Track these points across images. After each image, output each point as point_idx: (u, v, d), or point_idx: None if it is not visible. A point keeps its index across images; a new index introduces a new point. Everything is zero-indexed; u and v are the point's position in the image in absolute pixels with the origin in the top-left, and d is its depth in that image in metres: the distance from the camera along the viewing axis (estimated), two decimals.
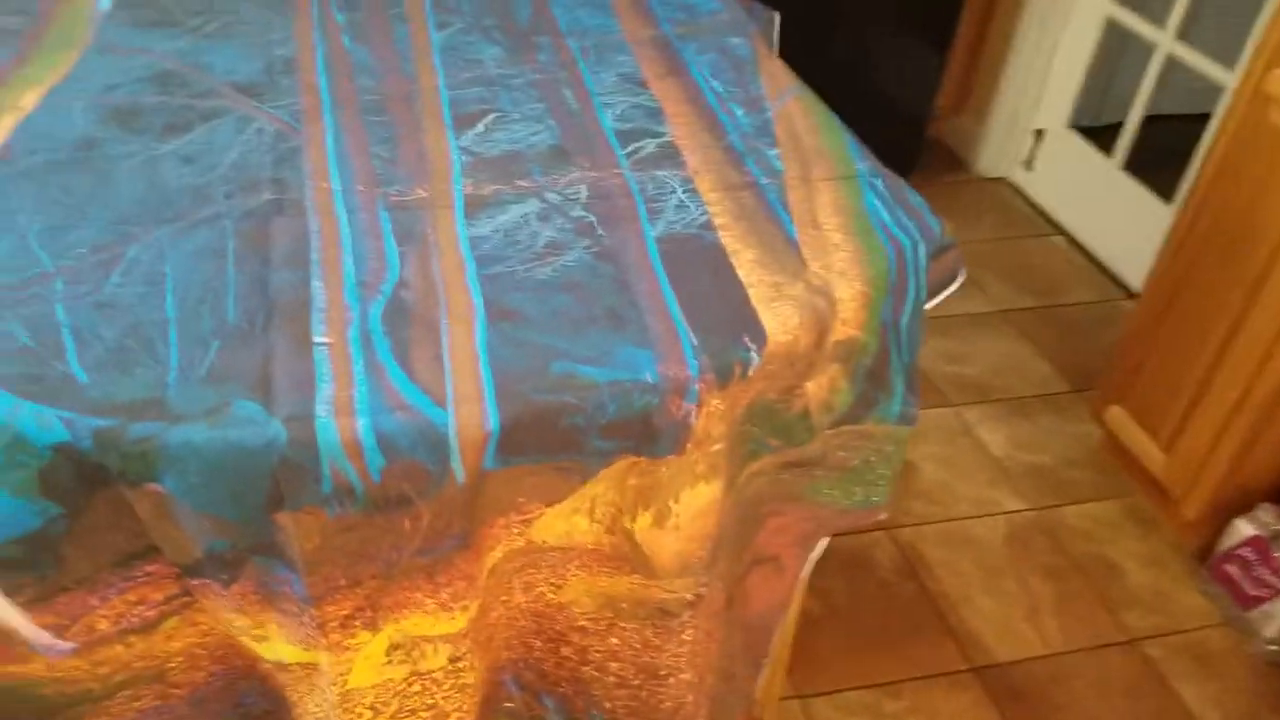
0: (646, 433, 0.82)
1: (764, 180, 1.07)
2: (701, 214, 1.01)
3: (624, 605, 0.90)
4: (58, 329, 0.79)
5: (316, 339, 0.81)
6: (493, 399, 0.77)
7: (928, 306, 1.10)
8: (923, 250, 1.00)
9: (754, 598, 1.14)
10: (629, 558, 0.88)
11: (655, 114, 1.17)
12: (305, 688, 0.83)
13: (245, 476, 0.73)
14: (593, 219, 0.98)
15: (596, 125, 1.14)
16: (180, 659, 0.88)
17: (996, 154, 2.79)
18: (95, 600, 0.81)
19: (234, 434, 0.73)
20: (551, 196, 1.01)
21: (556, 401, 0.78)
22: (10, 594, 0.77)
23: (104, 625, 0.82)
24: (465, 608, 0.81)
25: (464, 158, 1.06)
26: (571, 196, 1.01)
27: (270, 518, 0.74)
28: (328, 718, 0.83)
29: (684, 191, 1.04)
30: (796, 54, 2.38)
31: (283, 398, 0.75)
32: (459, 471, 0.75)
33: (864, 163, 1.10)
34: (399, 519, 0.76)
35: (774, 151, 1.12)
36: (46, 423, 0.72)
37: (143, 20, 1.24)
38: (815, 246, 0.98)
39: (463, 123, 1.12)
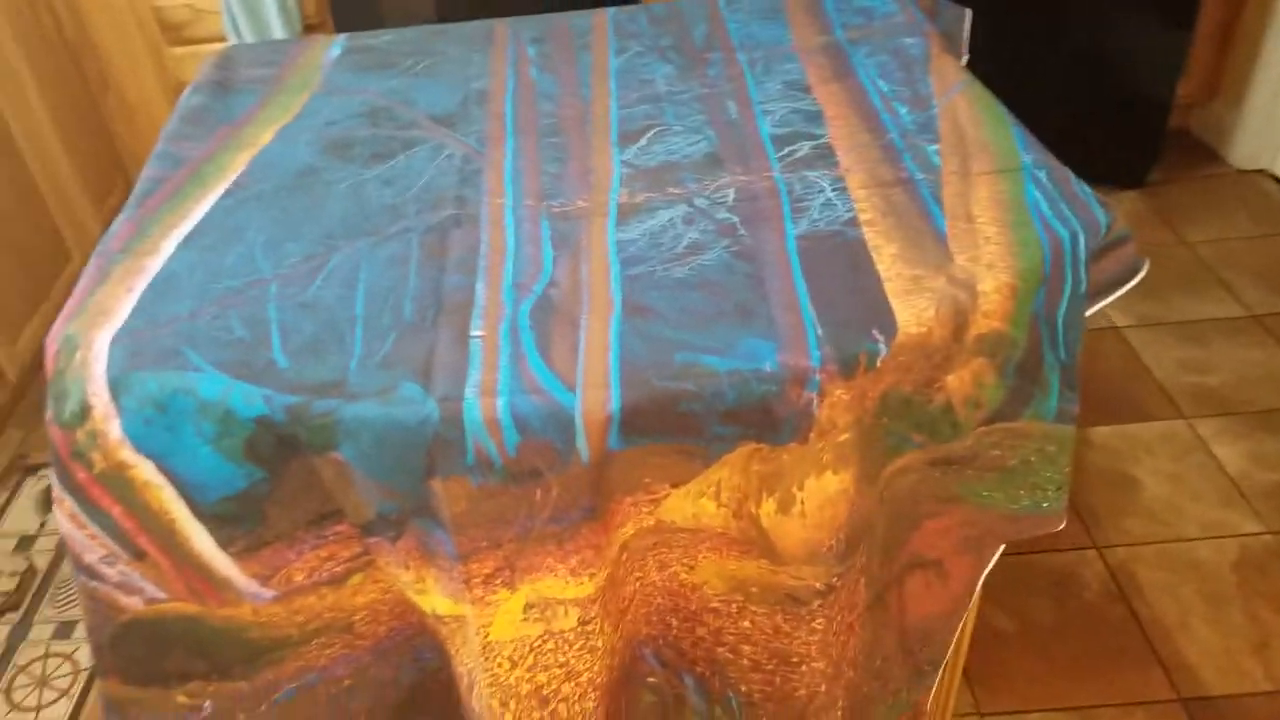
0: (767, 420, 0.85)
1: (919, 176, 1.07)
2: (847, 211, 1.02)
3: (754, 589, 0.93)
4: (268, 324, 0.93)
5: (473, 332, 0.90)
6: (617, 385, 0.83)
7: (1104, 304, 1.05)
8: (1084, 242, 0.96)
9: (913, 602, 1.13)
10: (756, 542, 0.91)
11: (814, 117, 1.19)
12: (460, 640, 0.93)
13: (406, 447, 0.84)
14: (735, 220, 1.02)
15: (754, 132, 1.18)
16: (364, 613, 1.00)
17: (1255, 143, 2.54)
18: (292, 555, 0.94)
19: (397, 411, 0.84)
20: (700, 201, 1.06)
21: (676, 388, 0.83)
22: (224, 546, 0.92)
23: (300, 577, 0.96)
24: (593, 575, 0.87)
25: (624, 170, 1.13)
26: (719, 200, 1.06)
27: (426, 484, 0.84)
28: (476, 667, 0.92)
29: (832, 190, 1.06)
30: (1018, 43, 2.30)
31: (440, 381, 0.85)
32: (584, 451, 0.82)
33: (1029, 155, 1.07)
34: (531, 490, 0.83)
35: (934, 147, 1.11)
36: (250, 399, 0.86)
37: (364, 64, 1.42)
38: (965, 240, 0.97)
39: (627, 139, 1.19)
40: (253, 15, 2.16)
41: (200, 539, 0.93)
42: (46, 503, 1.91)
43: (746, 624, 0.95)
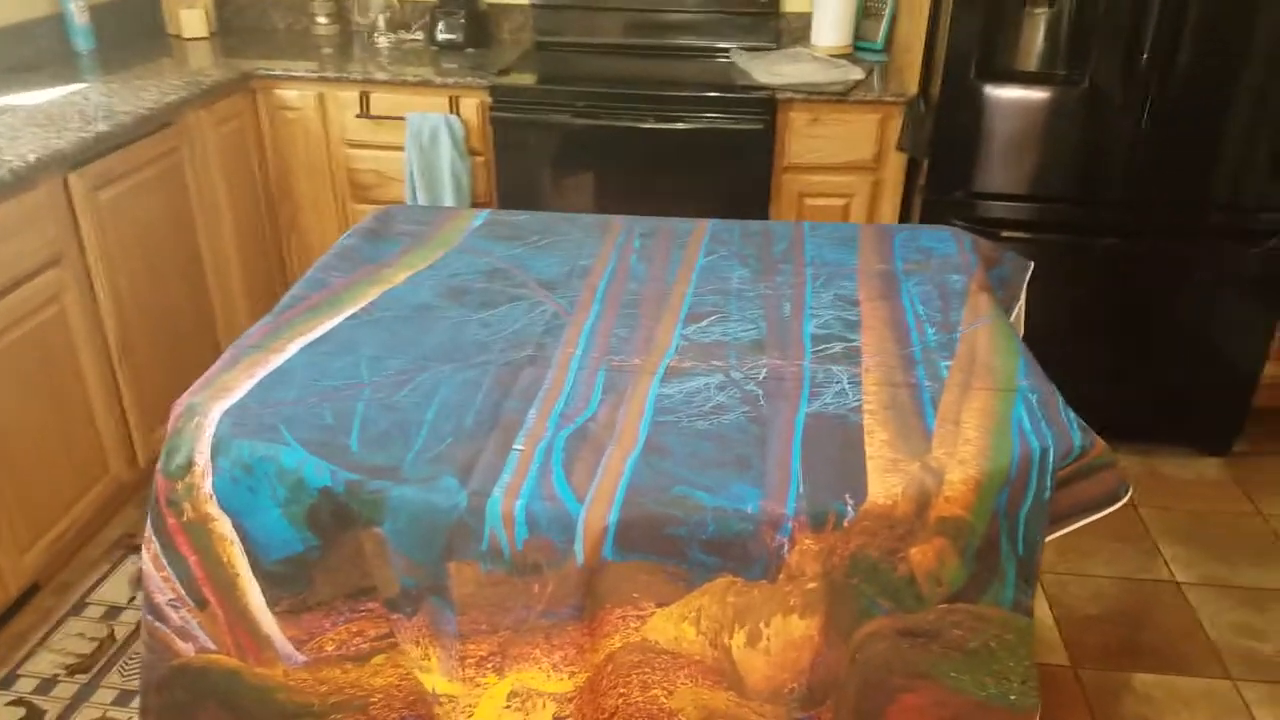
0: (743, 555, 0.98)
1: (925, 383, 1.21)
2: (856, 400, 1.18)
3: None
4: (353, 417, 1.14)
5: (516, 446, 1.08)
6: (619, 503, 0.98)
7: (1086, 521, 1.15)
8: (1053, 455, 1.07)
9: None
10: (727, 673, 1.02)
11: (853, 325, 1.37)
12: None
13: (432, 528, 1.00)
14: (760, 393, 1.19)
15: (799, 329, 1.36)
16: (380, 695, 1.14)
17: None
18: (328, 623, 1.10)
19: (434, 496, 1.01)
20: (735, 374, 1.23)
21: (666, 513, 0.97)
22: (272, 605, 1.09)
23: (330, 647, 1.11)
24: (573, 674, 0.99)
25: (681, 342, 1.32)
26: (751, 375, 1.23)
27: (444, 564, 1.00)
28: None
29: (849, 382, 1.22)
30: (1107, 310, 2.41)
31: (476, 479, 1.03)
32: (579, 553, 0.97)
33: (1027, 380, 1.21)
34: (531, 583, 0.98)
35: (946, 363, 1.26)
36: (320, 471, 1.05)
37: (498, 234, 1.69)
38: (947, 438, 1.10)
39: (692, 319, 1.39)
40: (430, 189, 2.53)
41: (254, 595, 1.10)
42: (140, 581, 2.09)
43: None
